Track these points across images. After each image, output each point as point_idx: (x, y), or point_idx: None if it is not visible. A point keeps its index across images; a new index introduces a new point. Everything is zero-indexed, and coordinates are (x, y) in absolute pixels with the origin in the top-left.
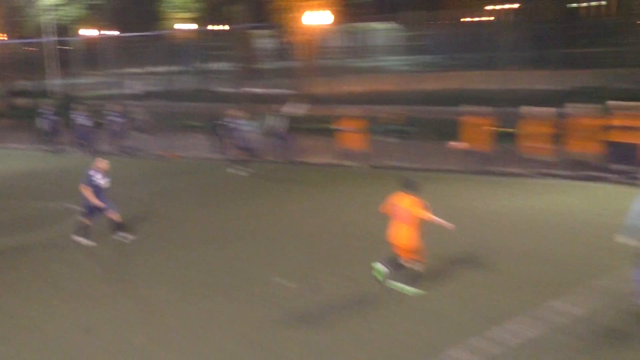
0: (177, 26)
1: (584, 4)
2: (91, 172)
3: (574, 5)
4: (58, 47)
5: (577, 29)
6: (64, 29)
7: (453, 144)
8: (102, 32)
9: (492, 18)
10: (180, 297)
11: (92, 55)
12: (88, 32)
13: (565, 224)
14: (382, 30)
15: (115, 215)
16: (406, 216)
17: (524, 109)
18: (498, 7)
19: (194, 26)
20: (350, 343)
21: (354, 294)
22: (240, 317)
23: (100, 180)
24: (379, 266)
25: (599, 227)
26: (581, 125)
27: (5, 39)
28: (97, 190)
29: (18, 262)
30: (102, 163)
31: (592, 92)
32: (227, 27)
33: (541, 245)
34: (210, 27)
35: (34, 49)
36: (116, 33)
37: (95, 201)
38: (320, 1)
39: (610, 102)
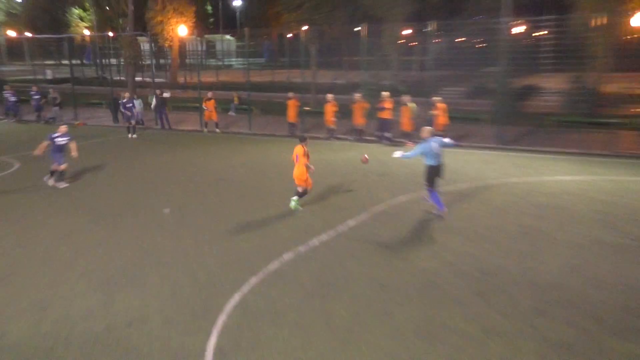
0: (84, 31)
1: (360, 27)
2: (55, 134)
3: (356, 28)
4: None
5: (357, 44)
6: None
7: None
8: (22, 33)
9: (302, 33)
10: (94, 222)
11: (18, 50)
12: (12, 33)
13: (352, 170)
14: (228, 40)
15: (59, 167)
16: (298, 159)
17: (327, 96)
18: (303, 27)
19: (94, 31)
20: (208, 250)
21: (215, 218)
22: (137, 235)
23: (60, 139)
24: (293, 203)
25: (372, 171)
26: (360, 107)
27: None
28: (58, 147)
29: None
30: (63, 127)
31: (366, 85)
32: (119, 33)
33: (339, 183)
34: (108, 32)
35: None
36: (28, 34)
37: (39, 152)
38: (184, 18)
39: (383, 93)
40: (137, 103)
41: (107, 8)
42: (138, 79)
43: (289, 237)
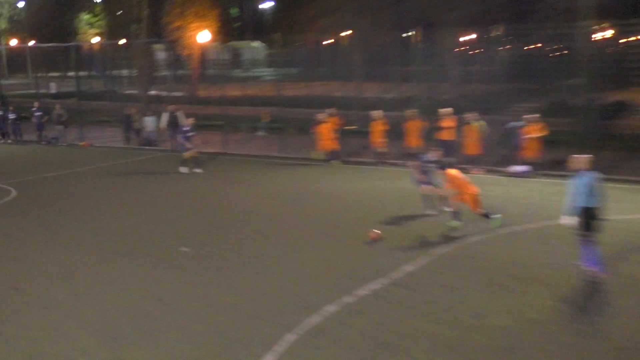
0: (92, 39)
1: (412, 32)
2: (427, 156)
3: (407, 34)
4: None
5: (409, 52)
6: None
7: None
8: (26, 42)
9: (343, 39)
10: (99, 261)
11: (20, 61)
12: (13, 42)
13: (408, 203)
14: (253, 47)
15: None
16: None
17: (373, 113)
18: (344, 33)
19: (103, 39)
20: (234, 299)
21: (240, 259)
22: (149, 276)
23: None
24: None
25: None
26: (414, 126)
27: None
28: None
29: None
30: (436, 152)
31: (421, 100)
32: (130, 41)
33: (391, 219)
34: (118, 40)
35: None
36: (33, 43)
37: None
38: (206, 23)
39: (440, 110)
40: (151, 120)
41: (120, 12)
42: (152, 92)
43: (330, 285)
